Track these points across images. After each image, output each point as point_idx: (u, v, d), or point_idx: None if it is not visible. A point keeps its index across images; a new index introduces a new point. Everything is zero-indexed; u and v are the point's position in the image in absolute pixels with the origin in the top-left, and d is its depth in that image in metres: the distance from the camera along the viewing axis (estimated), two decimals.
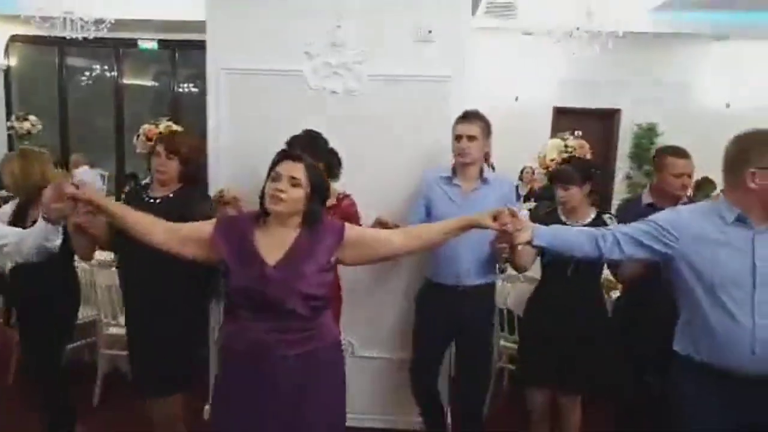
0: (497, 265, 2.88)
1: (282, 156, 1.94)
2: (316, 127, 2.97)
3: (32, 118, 8.16)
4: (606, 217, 2.63)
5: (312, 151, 2.22)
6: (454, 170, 2.76)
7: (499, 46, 8.62)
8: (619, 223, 2.48)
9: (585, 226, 2.47)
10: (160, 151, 2.46)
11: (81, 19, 6.12)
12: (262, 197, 1.91)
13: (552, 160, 4.17)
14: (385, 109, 2.99)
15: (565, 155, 4.12)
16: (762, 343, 1.83)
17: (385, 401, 3.18)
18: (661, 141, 8.99)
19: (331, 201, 2.47)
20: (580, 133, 9.67)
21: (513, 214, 1.94)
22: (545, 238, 2.03)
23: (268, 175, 1.90)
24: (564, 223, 2.61)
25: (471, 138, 2.67)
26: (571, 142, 4.12)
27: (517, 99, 9.11)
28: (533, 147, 7.29)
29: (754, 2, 7.07)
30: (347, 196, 2.73)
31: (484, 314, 2.82)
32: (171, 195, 2.46)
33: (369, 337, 3.14)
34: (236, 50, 2.99)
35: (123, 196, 2.94)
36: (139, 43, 9.05)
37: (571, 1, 6.34)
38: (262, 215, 1.93)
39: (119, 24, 6.90)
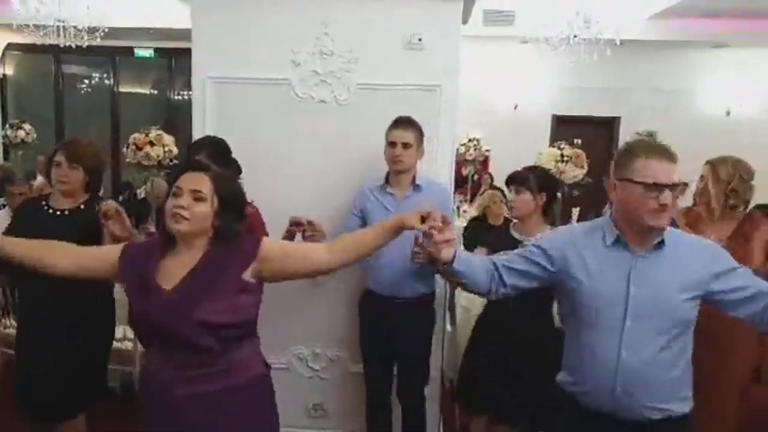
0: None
1: (184, 168, 1.73)
2: (305, 137, 2.94)
3: (26, 126, 8.11)
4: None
5: (217, 158, 2.10)
6: (387, 178, 2.72)
7: (498, 54, 8.60)
8: None
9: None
10: (61, 161, 2.33)
11: (75, 27, 6.08)
12: (162, 216, 1.68)
13: (548, 170, 4.09)
14: (375, 117, 2.91)
15: (561, 164, 4.04)
16: (625, 380, 1.66)
17: None
18: None
19: None
20: (580, 141, 9.68)
21: (444, 221, 1.68)
22: (463, 263, 1.74)
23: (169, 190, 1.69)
24: (514, 238, 2.51)
25: (405, 145, 2.63)
26: (567, 151, 4.06)
27: (516, 107, 9.08)
28: (533, 155, 7.24)
29: (753, 10, 7.02)
30: (249, 203, 2.64)
31: (423, 324, 2.76)
32: (81, 206, 2.36)
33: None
34: (222, 58, 2.93)
35: (18, 208, 2.72)
36: (136, 50, 9.02)
37: (568, 9, 6.30)
38: (170, 237, 1.69)
39: (115, 32, 6.86)
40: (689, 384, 1.75)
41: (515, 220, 2.67)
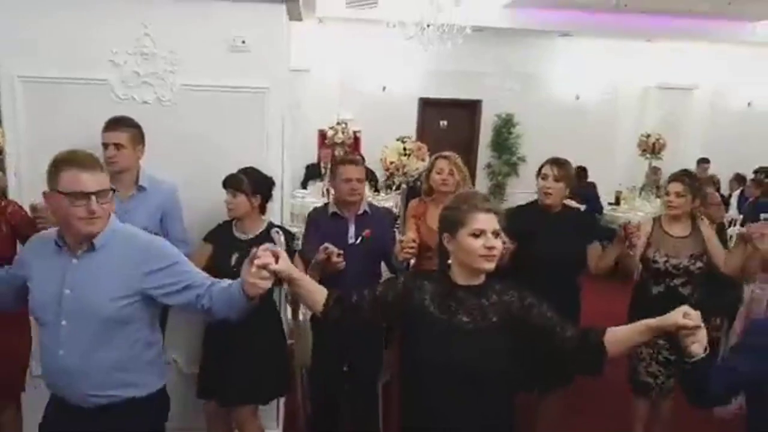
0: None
1: None
2: None
3: None
4: (274, 230, 2.53)
5: None
6: None
7: (366, 36, 8.68)
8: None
9: (253, 237, 2.66)
10: None
11: None
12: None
13: (392, 162, 4.27)
14: (201, 120, 2.92)
15: (404, 157, 4.23)
16: (65, 374, 1.82)
17: None
18: (518, 131, 9.56)
19: None
20: (446, 122, 10.08)
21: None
22: None
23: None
24: (233, 235, 2.73)
25: (118, 146, 2.62)
26: (410, 144, 4.25)
27: (384, 89, 9.25)
28: (401, 135, 7.48)
29: (593, 3, 7.62)
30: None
31: None
32: None
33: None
34: (32, 57, 2.78)
35: None
36: None
37: None
38: None
39: None
40: (137, 371, 1.90)
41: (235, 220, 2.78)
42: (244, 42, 2.89)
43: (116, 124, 2.64)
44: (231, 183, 2.71)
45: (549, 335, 1.73)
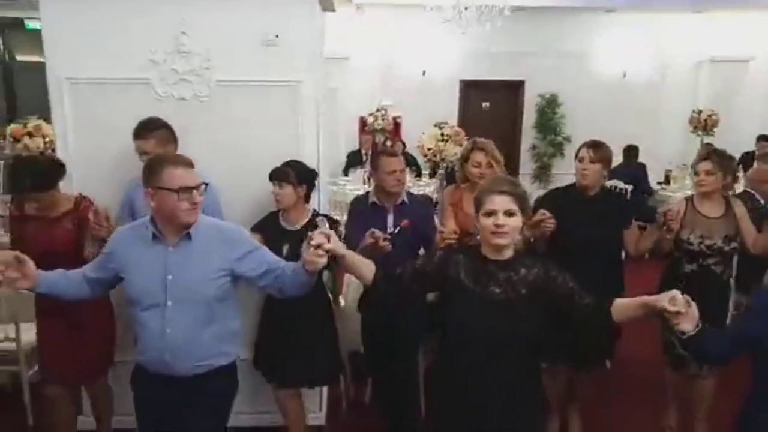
0: None
1: None
2: None
3: None
4: (319, 219, 2.71)
5: None
6: None
7: (405, 21, 8.64)
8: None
9: (300, 228, 2.74)
10: None
11: None
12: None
13: (429, 148, 4.26)
14: (237, 115, 2.99)
15: (442, 143, 4.22)
16: (172, 349, 2.05)
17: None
18: (563, 111, 9.35)
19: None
20: (488, 104, 9.95)
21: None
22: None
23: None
24: (281, 227, 2.81)
25: (149, 153, 2.63)
26: (447, 130, 4.22)
27: (424, 73, 9.20)
28: (443, 119, 7.42)
29: None
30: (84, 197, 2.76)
31: None
32: None
33: None
34: (79, 59, 2.90)
35: None
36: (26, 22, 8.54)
37: None
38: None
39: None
40: (229, 341, 2.19)
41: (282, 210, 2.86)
42: (276, 36, 2.94)
43: (143, 130, 2.70)
44: (277, 175, 2.79)
45: (569, 302, 1.90)
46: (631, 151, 7.76)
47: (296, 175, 2.78)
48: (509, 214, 1.86)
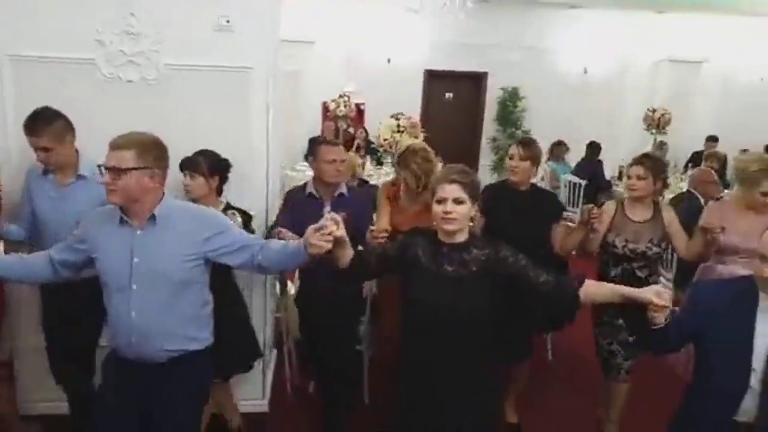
0: None
1: None
2: (111, 117, 2.90)
3: None
4: (230, 212, 2.68)
5: None
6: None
7: (369, 8, 8.60)
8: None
9: None
10: None
11: None
12: None
13: (385, 139, 4.28)
14: (186, 99, 2.95)
15: (398, 134, 4.25)
16: (138, 333, 2.06)
17: None
18: (524, 105, 9.48)
19: None
20: (451, 95, 10.01)
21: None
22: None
23: None
24: None
25: (44, 149, 2.57)
26: (403, 121, 4.24)
27: (389, 61, 9.19)
28: (405, 109, 7.45)
29: None
30: None
31: None
32: None
33: None
34: (21, 36, 2.82)
35: None
36: None
37: None
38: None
39: None
40: (198, 327, 2.20)
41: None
42: (228, 21, 2.91)
43: (33, 127, 2.54)
44: (188, 165, 2.72)
45: (523, 280, 2.02)
46: (593, 147, 7.99)
47: (208, 166, 2.71)
48: (458, 201, 1.98)
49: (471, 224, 2.07)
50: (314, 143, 3.10)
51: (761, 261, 1.87)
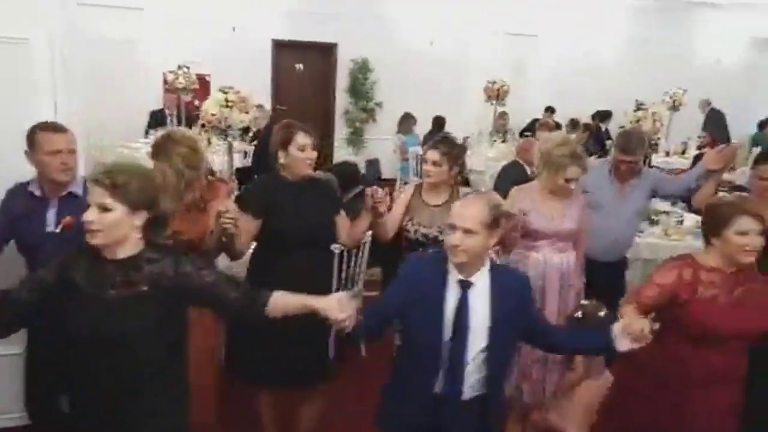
0: None
1: None
2: None
3: None
4: None
5: None
6: None
7: None
8: None
9: None
10: None
11: None
12: None
13: (213, 114, 4.06)
14: None
15: (226, 110, 4.04)
16: None
17: None
18: (374, 77, 9.52)
19: None
20: (302, 66, 9.80)
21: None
22: None
23: None
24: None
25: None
26: (232, 96, 4.03)
27: (234, 29, 8.77)
28: (254, 81, 7.15)
29: None
30: None
31: None
32: None
33: None
34: None
35: None
36: None
37: None
38: None
39: None
40: None
41: None
42: None
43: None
44: None
45: (210, 299, 1.86)
46: (439, 121, 8.24)
47: None
48: (103, 209, 1.69)
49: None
50: (32, 130, 2.40)
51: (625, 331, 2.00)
